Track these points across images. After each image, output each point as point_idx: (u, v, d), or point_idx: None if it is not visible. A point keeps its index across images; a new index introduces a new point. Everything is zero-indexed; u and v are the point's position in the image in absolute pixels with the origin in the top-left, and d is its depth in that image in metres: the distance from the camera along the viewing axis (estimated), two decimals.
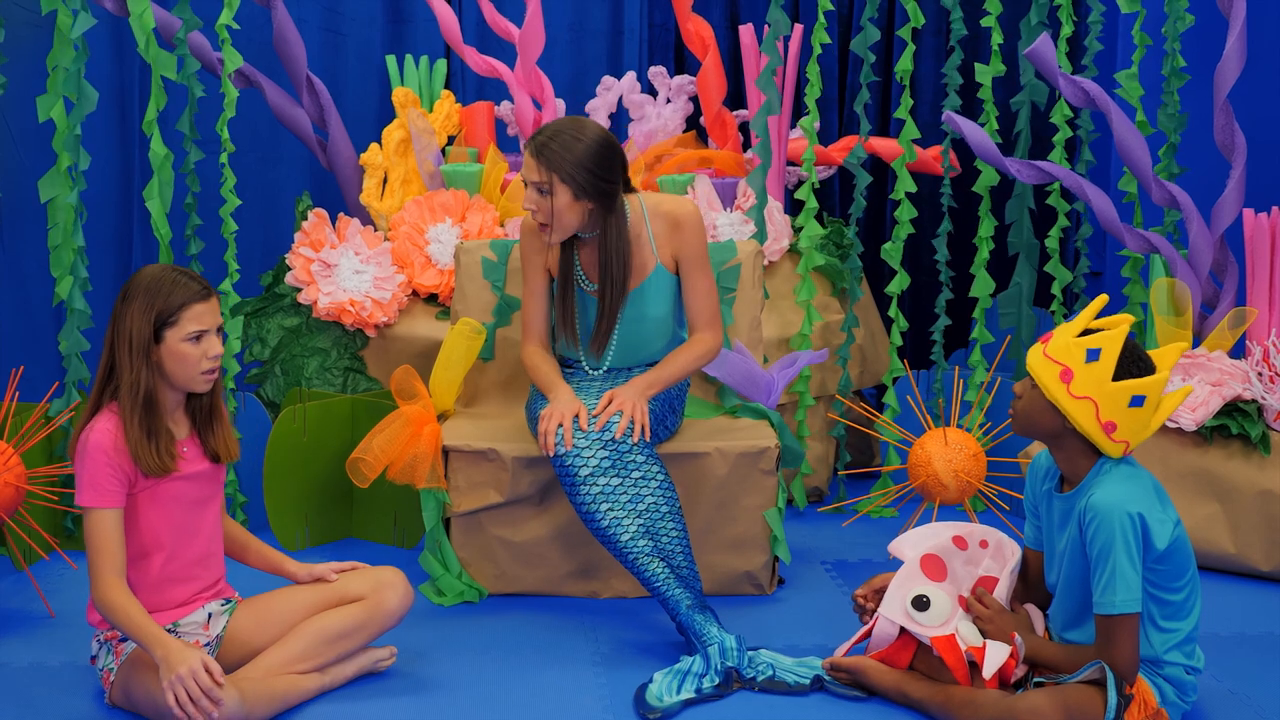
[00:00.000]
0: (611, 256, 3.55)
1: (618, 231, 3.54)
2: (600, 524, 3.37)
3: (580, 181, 3.45)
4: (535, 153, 3.46)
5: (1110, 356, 2.87)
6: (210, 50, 4.24)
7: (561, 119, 3.56)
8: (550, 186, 3.46)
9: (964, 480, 4.04)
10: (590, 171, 3.45)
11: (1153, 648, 2.94)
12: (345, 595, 3.17)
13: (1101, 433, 2.89)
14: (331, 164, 4.57)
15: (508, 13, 4.84)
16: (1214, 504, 3.92)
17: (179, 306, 2.93)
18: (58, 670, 3.27)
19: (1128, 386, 2.87)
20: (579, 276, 3.64)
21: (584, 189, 3.47)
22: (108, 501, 2.93)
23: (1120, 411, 2.88)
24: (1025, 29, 4.55)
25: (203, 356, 2.96)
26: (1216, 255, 4.17)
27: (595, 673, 3.30)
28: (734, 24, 5.30)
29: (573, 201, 3.48)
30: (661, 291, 3.65)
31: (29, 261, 4.83)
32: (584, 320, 3.66)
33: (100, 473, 2.92)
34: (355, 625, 3.14)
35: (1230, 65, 4.00)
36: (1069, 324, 2.95)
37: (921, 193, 5.03)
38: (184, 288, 2.95)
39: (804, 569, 3.97)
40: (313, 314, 4.29)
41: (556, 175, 3.45)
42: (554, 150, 3.45)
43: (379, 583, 3.19)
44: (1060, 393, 2.89)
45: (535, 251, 3.68)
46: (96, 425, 2.96)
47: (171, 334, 2.94)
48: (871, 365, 4.71)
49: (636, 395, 3.49)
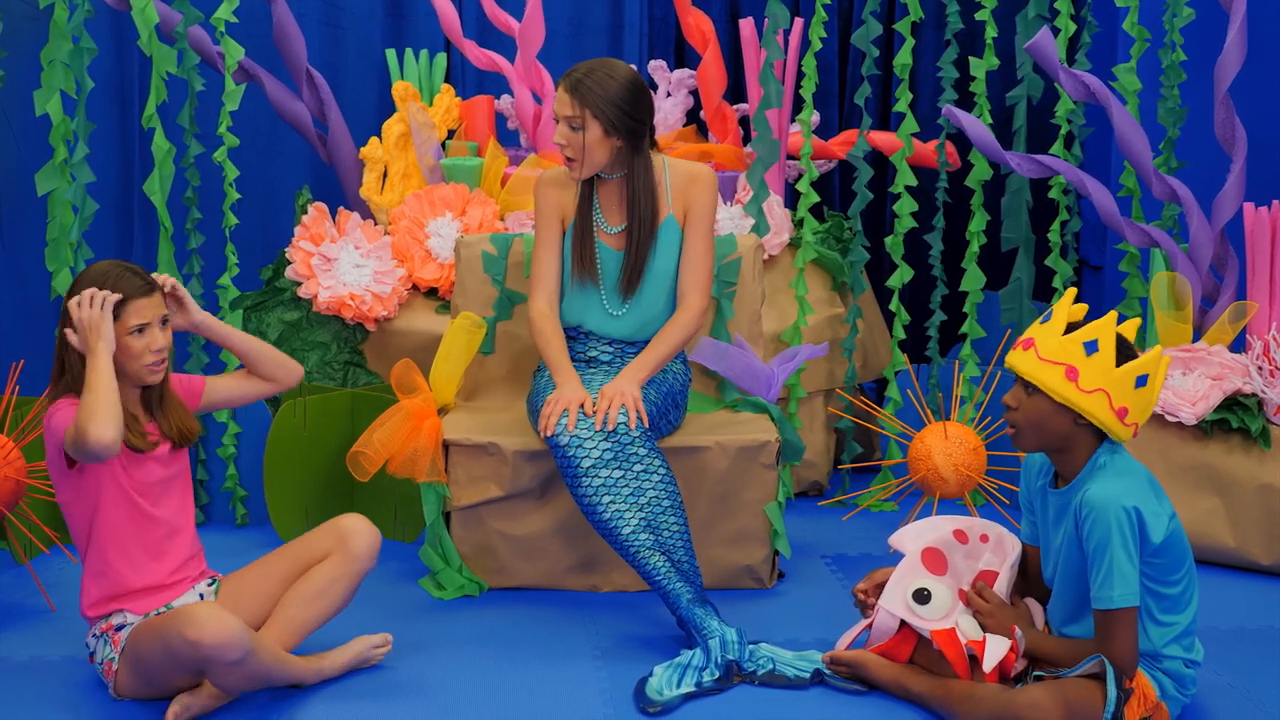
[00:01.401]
0: (639, 193, 3.63)
1: (645, 170, 3.64)
2: (601, 516, 3.37)
3: (611, 118, 3.54)
4: (570, 89, 3.55)
5: (1108, 345, 2.89)
6: (210, 44, 4.24)
7: (593, 59, 3.64)
8: (582, 122, 3.55)
9: (964, 474, 4.05)
10: (621, 109, 3.55)
11: (1151, 642, 2.94)
12: (315, 554, 3.18)
13: (1116, 420, 2.90)
14: (331, 158, 4.57)
15: (508, 7, 4.84)
16: (1214, 498, 3.92)
17: (122, 302, 2.97)
18: (58, 664, 3.27)
19: (1132, 369, 2.88)
20: (598, 219, 3.70)
21: (614, 125, 3.55)
22: None
23: (1129, 395, 2.89)
24: (1023, 23, 4.54)
25: (146, 349, 3.00)
26: (1217, 249, 4.17)
27: (595, 666, 3.30)
28: (734, 18, 5.30)
29: (603, 137, 3.56)
30: (669, 245, 3.69)
31: (28, 256, 4.83)
32: (597, 265, 3.70)
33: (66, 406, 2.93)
34: (328, 580, 3.15)
35: (1231, 59, 4.00)
36: (1047, 325, 2.94)
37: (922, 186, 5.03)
38: (127, 282, 2.98)
39: (804, 563, 3.97)
40: (313, 308, 4.29)
41: (589, 110, 3.53)
42: (588, 86, 3.54)
43: (342, 531, 3.20)
44: (1071, 391, 2.89)
45: (552, 203, 3.74)
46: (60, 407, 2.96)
47: (116, 328, 2.97)
48: (872, 359, 4.71)
49: (627, 384, 3.51)
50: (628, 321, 3.71)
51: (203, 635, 2.83)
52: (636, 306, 3.70)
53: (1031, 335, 2.96)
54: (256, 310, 4.34)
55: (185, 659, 2.88)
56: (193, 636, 2.84)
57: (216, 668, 2.89)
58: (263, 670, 2.98)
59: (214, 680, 2.95)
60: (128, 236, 5.01)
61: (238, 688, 3.00)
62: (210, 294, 4.38)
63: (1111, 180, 4.86)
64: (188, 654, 2.86)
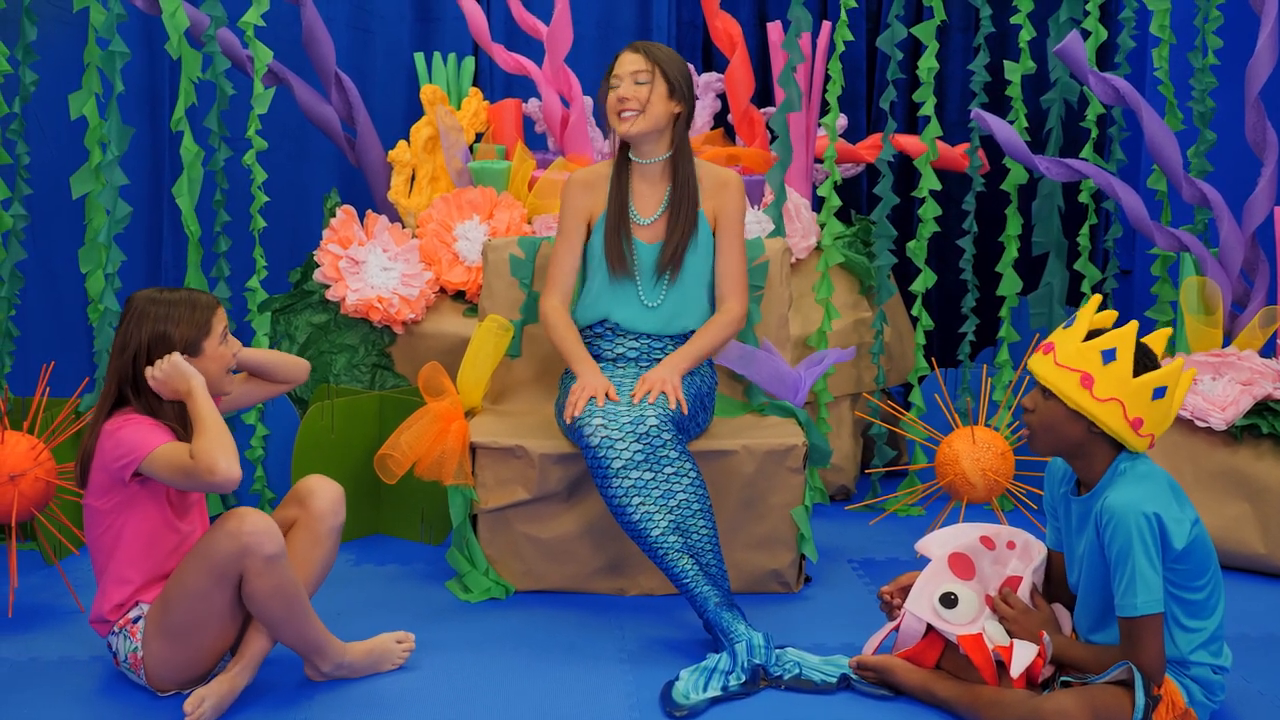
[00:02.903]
0: (685, 173, 3.72)
1: (688, 152, 3.74)
2: (631, 518, 3.37)
3: (677, 80, 3.67)
4: (639, 49, 3.69)
5: (1126, 354, 2.87)
6: (240, 48, 4.26)
7: None
8: (652, 77, 3.66)
9: (991, 479, 4.03)
10: (685, 77, 3.70)
11: (1178, 648, 2.93)
12: (284, 524, 3.19)
13: (1130, 430, 2.88)
14: (360, 161, 4.59)
15: (536, 10, 4.85)
16: (1244, 504, 3.90)
17: (208, 316, 3.04)
18: (87, 664, 3.28)
19: (1149, 380, 2.86)
20: (632, 213, 3.74)
21: (678, 89, 3.68)
22: (164, 437, 2.97)
23: (1145, 406, 2.87)
24: (1054, 26, 4.52)
25: (230, 353, 3.10)
26: (1247, 253, 4.15)
27: (622, 670, 3.30)
28: (762, 21, 5.30)
29: (667, 97, 3.67)
30: (697, 244, 3.70)
31: (59, 257, 4.86)
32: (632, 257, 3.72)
33: (144, 427, 2.97)
34: (301, 548, 3.15)
35: (1262, 62, 3.98)
36: (1068, 330, 2.93)
37: (949, 191, 5.01)
38: (196, 299, 3.05)
39: (831, 567, 3.96)
40: (340, 311, 4.31)
41: (660, 68, 3.67)
42: (655, 51, 3.69)
43: (301, 494, 3.20)
44: (1085, 399, 2.88)
45: (578, 205, 3.79)
46: (116, 416, 3.00)
47: (208, 342, 3.04)
48: (898, 364, 4.70)
49: (668, 372, 3.55)
50: (661, 313, 3.71)
51: (243, 524, 2.91)
52: (673, 295, 3.71)
53: (1053, 340, 2.95)
54: (284, 313, 4.35)
55: (223, 556, 2.92)
56: (233, 526, 2.91)
57: (254, 563, 2.92)
58: (293, 590, 3.01)
59: (250, 588, 2.96)
60: (157, 239, 5.03)
61: (271, 608, 3.00)
62: (239, 297, 4.40)
63: (1141, 184, 4.84)
64: (226, 548, 2.91)
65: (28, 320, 4.50)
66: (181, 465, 2.92)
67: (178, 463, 2.93)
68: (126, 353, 3.02)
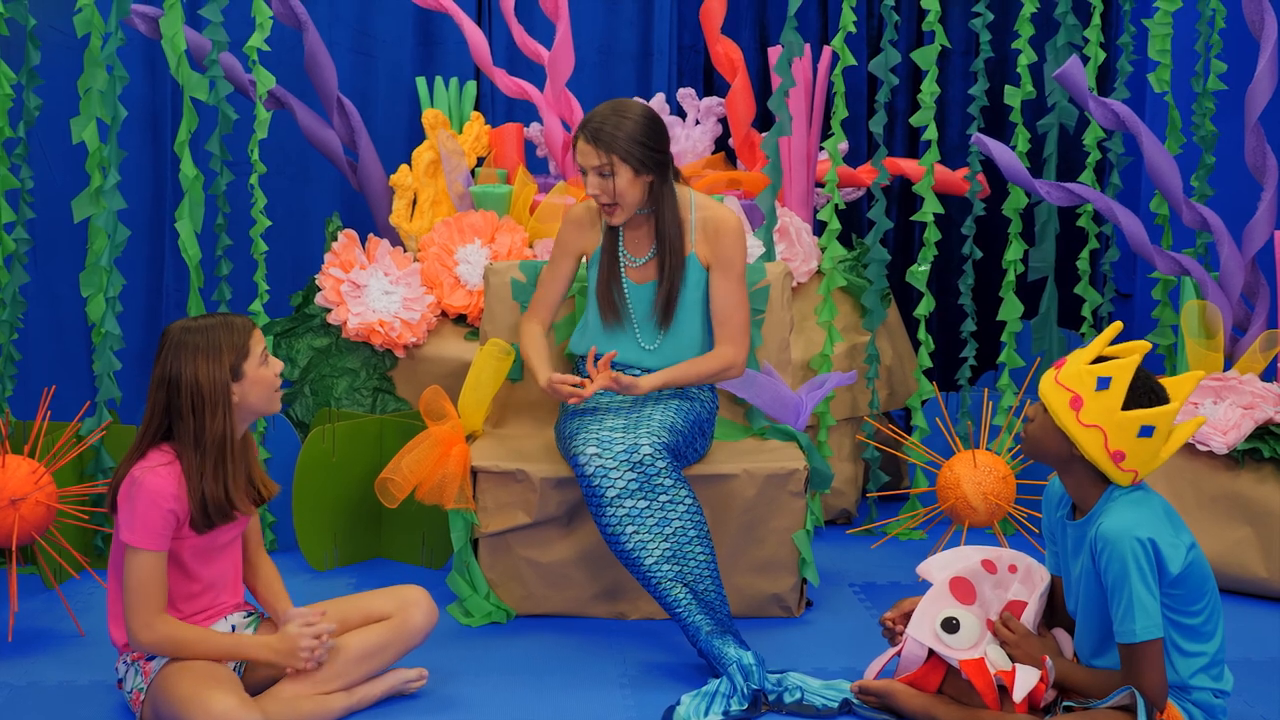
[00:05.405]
0: (669, 225, 3.67)
1: (671, 201, 3.67)
2: (625, 546, 3.37)
3: (638, 157, 3.58)
4: (591, 139, 3.58)
5: (1120, 385, 2.85)
6: (242, 72, 4.27)
7: (603, 104, 3.67)
8: (611, 168, 3.58)
9: (993, 503, 4.03)
10: (643, 145, 3.59)
11: (1178, 673, 2.92)
12: (370, 614, 3.18)
13: (1110, 461, 2.87)
14: (361, 185, 4.59)
15: (537, 35, 4.86)
16: (1245, 528, 3.90)
17: (245, 339, 3.00)
18: (87, 689, 3.28)
19: (1137, 417, 2.85)
20: (623, 255, 3.73)
21: (642, 163, 3.59)
22: (159, 545, 2.95)
23: (1129, 441, 2.86)
24: (1052, 51, 4.53)
25: (273, 374, 3.05)
26: (1248, 277, 4.15)
27: (623, 694, 3.29)
28: (763, 46, 5.31)
29: (634, 178, 3.60)
30: (692, 282, 3.69)
31: (60, 281, 4.86)
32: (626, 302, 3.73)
33: (155, 516, 2.94)
34: (381, 644, 3.15)
35: (1262, 87, 3.99)
36: (1083, 350, 2.93)
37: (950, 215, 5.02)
38: (232, 322, 3.01)
39: (832, 591, 3.96)
40: (342, 334, 4.31)
41: (616, 155, 3.57)
42: (608, 133, 3.57)
43: (404, 601, 3.21)
44: (1069, 420, 2.88)
45: (571, 240, 3.80)
46: (152, 468, 2.96)
47: (249, 364, 2.99)
48: (899, 387, 4.70)
49: (637, 378, 3.58)
50: (659, 355, 3.71)
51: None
52: (670, 339, 3.71)
53: (1068, 357, 2.95)
54: (286, 336, 4.36)
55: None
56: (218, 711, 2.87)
57: None
58: None
59: None
60: (159, 263, 5.04)
61: None
62: None
63: (1141, 208, 4.84)
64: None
65: (29, 344, 4.50)
66: (137, 583, 2.92)
67: (139, 580, 2.92)
68: (166, 385, 2.97)
